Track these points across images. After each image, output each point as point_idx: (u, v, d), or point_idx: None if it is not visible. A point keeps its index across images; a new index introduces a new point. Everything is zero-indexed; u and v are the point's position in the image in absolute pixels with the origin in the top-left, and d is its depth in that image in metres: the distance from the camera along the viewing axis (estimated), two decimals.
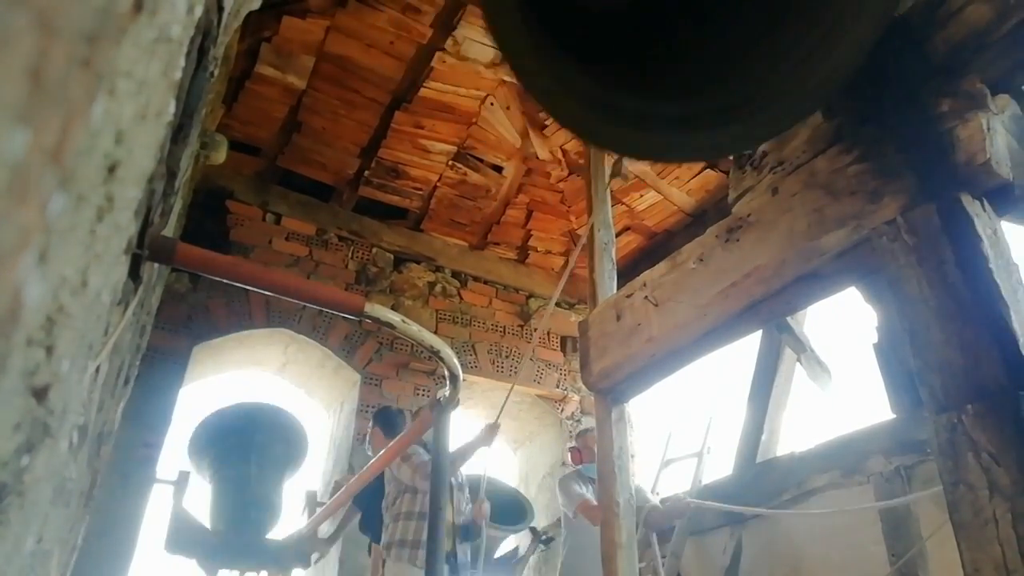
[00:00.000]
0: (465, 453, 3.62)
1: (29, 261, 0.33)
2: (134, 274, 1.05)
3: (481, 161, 5.17)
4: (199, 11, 0.81)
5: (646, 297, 2.04)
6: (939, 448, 1.20)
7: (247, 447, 3.74)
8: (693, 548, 4.01)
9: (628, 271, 3.42)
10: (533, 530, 4.22)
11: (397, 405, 4.80)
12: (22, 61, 0.27)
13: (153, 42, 0.57)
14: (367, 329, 4.84)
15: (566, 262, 5.79)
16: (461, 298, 5.42)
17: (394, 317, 1.55)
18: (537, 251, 5.70)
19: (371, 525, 3.80)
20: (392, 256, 5.23)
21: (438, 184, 5.16)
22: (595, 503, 3.66)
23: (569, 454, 4.17)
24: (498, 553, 4.12)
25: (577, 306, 5.76)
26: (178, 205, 2.00)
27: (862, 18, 1.12)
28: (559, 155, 5.13)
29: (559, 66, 1.10)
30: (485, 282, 5.57)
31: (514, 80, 4.58)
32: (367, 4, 4.03)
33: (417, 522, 3.40)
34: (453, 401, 1.86)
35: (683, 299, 1.89)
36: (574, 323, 5.24)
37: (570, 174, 5.24)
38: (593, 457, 3.88)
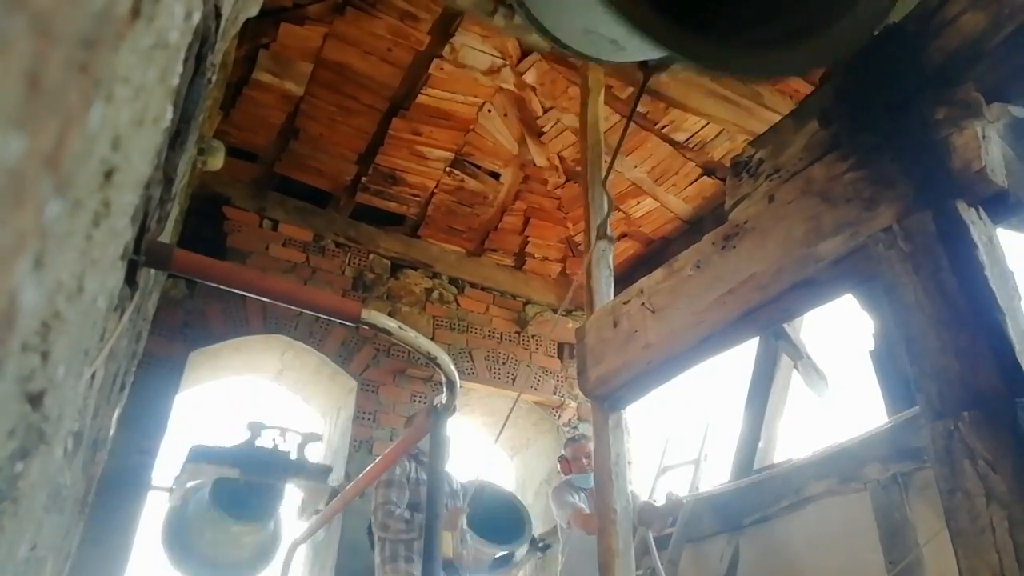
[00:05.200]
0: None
1: (25, 266, 0.32)
2: (130, 280, 1.05)
3: (478, 168, 5.18)
4: (197, 17, 0.81)
5: (643, 304, 2.04)
6: (936, 455, 1.20)
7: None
8: (690, 556, 4.00)
9: (625, 278, 3.43)
10: (532, 539, 4.18)
11: (394, 412, 4.80)
12: (19, 65, 0.27)
13: (151, 48, 0.57)
14: (364, 335, 4.83)
15: (563, 269, 5.80)
16: (458, 304, 5.41)
17: (391, 323, 1.55)
18: (534, 258, 5.70)
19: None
20: (389, 262, 5.23)
21: (435, 191, 5.17)
22: (587, 511, 3.64)
23: (559, 464, 4.10)
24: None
25: (574, 313, 5.76)
26: (175, 211, 1.99)
27: None
28: (556, 162, 5.14)
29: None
30: (482, 288, 5.57)
31: (512, 87, 4.61)
32: (365, 11, 4.05)
33: (407, 532, 3.37)
34: (450, 408, 1.86)
35: (680, 306, 1.89)
36: (571, 330, 5.24)
37: (567, 181, 5.25)
38: (582, 466, 3.83)
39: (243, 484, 3.46)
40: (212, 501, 3.41)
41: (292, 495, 3.87)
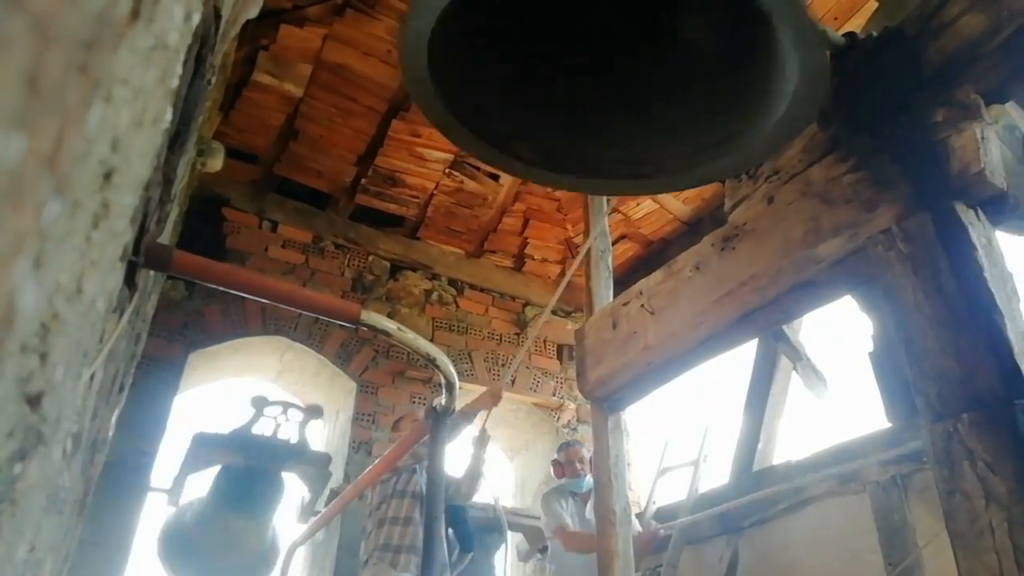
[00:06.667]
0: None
1: (24, 267, 0.32)
2: (130, 281, 1.05)
3: (478, 169, 5.18)
4: (196, 19, 0.81)
5: (642, 305, 2.04)
6: (935, 457, 1.20)
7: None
8: (689, 558, 4.00)
9: (624, 279, 3.44)
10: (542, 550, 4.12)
11: (393, 413, 4.80)
12: (19, 66, 0.27)
13: (150, 49, 0.57)
14: (363, 337, 4.83)
15: (562, 271, 5.80)
16: (457, 306, 5.41)
17: (390, 325, 1.55)
18: (533, 259, 5.70)
19: None
20: (388, 264, 5.23)
21: (435, 192, 5.17)
22: (572, 529, 3.55)
23: (552, 468, 4.00)
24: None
25: (573, 314, 5.76)
26: (174, 212, 1.99)
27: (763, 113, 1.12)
28: None
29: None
30: (481, 290, 5.57)
31: None
32: (365, 13, 4.05)
33: (402, 527, 3.36)
34: (449, 409, 1.85)
35: (679, 307, 1.89)
36: (570, 331, 5.24)
37: None
38: (575, 471, 3.78)
39: (245, 473, 3.42)
40: (215, 491, 3.38)
41: (291, 494, 3.85)
